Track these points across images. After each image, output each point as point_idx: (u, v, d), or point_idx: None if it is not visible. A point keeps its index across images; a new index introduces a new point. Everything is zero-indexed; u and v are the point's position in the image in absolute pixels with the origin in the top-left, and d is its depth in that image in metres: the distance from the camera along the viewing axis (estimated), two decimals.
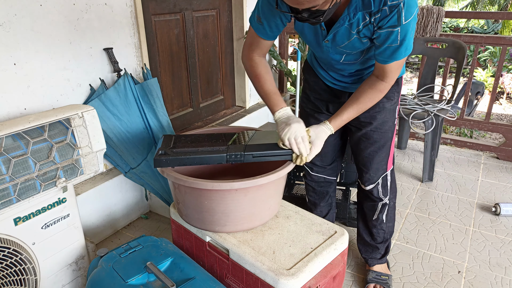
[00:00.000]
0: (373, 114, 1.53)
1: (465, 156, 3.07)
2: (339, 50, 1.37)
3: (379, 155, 1.59)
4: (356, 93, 1.39)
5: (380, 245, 1.77)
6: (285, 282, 1.18)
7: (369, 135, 1.56)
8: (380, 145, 1.58)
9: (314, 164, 1.78)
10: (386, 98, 1.50)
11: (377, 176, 1.63)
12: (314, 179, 1.83)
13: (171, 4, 2.43)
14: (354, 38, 1.28)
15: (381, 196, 1.67)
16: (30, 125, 1.30)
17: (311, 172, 1.80)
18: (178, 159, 1.30)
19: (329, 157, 1.76)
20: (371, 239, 1.77)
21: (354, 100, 1.38)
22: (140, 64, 2.20)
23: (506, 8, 9.42)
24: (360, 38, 1.28)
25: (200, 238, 1.45)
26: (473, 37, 3.11)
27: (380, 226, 1.74)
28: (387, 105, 1.52)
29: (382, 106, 1.52)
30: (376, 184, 1.64)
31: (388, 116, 1.54)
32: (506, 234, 2.13)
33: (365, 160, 1.62)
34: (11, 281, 1.34)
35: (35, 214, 1.39)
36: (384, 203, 1.69)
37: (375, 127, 1.55)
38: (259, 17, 1.35)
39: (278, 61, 3.27)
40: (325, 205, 1.90)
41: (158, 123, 2.12)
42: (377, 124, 1.54)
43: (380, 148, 1.58)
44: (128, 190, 2.20)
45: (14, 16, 1.60)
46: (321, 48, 1.41)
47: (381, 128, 1.55)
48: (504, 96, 6.05)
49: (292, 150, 1.32)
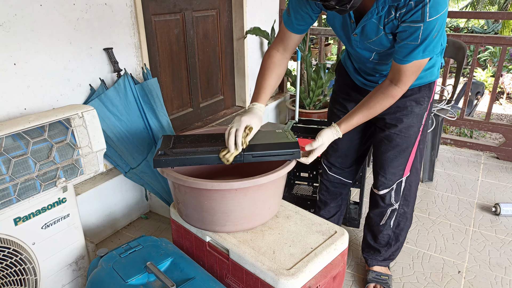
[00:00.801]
0: (400, 117, 1.49)
1: (465, 156, 3.07)
2: (367, 46, 1.35)
3: (398, 159, 1.55)
4: (367, 97, 1.36)
5: (383, 248, 1.74)
6: (285, 282, 1.18)
7: (392, 137, 1.52)
8: (401, 149, 1.53)
9: (333, 164, 1.76)
10: (416, 102, 1.46)
11: (392, 181, 1.59)
12: (330, 179, 1.81)
13: (171, 4, 2.43)
14: (381, 34, 1.26)
15: (393, 202, 1.63)
16: (30, 125, 1.30)
17: (329, 171, 1.78)
18: (177, 160, 1.30)
19: (350, 160, 1.73)
20: (374, 242, 1.76)
21: (364, 104, 1.36)
22: (140, 64, 2.20)
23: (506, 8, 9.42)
24: (386, 34, 1.26)
25: (200, 238, 1.45)
26: (473, 37, 3.11)
27: (386, 232, 1.70)
28: (415, 109, 1.48)
29: (411, 110, 1.47)
30: (390, 190, 1.61)
31: (414, 121, 1.49)
32: (506, 234, 2.13)
33: (383, 162, 1.58)
34: (11, 281, 1.34)
35: (35, 214, 1.39)
36: (394, 208, 1.65)
37: (399, 130, 1.50)
38: (288, 8, 1.37)
39: None
40: (335, 206, 1.87)
41: (158, 123, 2.12)
42: (402, 127, 1.50)
43: (401, 153, 1.54)
44: (128, 190, 2.20)
45: (14, 16, 1.60)
46: (350, 42, 1.39)
47: (406, 132, 1.50)
48: (504, 96, 6.04)
49: (293, 150, 1.33)
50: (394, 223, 1.69)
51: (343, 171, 1.77)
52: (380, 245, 1.74)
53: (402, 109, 1.47)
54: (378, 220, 1.70)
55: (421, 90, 1.47)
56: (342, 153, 1.72)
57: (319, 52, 3.57)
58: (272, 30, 3.24)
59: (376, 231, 1.72)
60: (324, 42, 3.50)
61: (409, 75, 1.26)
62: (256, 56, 3.24)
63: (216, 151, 1.32)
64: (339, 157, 1.74)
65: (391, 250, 1.75)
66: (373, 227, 1.73)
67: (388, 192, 1.61)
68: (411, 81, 1.29)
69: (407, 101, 1.47)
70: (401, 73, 1.26)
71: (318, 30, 3.45)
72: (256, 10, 3.10)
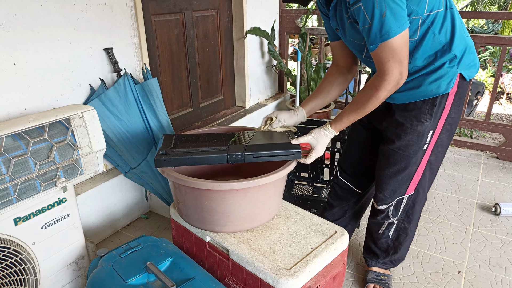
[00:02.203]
0: (399, 133, 1.41)
1: (465, 156, 3.07)
2: (351, 41, 1.35)
3: (396, 178, 1.47)
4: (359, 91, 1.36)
5: (382, 254, 1.72)
6: (285, 282, 1.18)
7: (389, 154, 1.45)
8: (400, 168, 1.45)
9: (343, 170, 1.75)
10: (415, 119, 1.36)
11: (391, 198, 1.53)
12: (339, 183, 1.78)
13: (171, 4, 2.43)
14: (348, 22, 1.27)
15: (390, 216, 1.59)
16: (30, 125, 1.30)
17: (339, 175, 1.77)
18: (178, 159, 1.30)
19: (360, 169, 1.69)
20: (374, 246, 1.74)
21: (353, 99, 1.35)
22: (140, 64, 2.20)
23: (506, 8, 9.42)
24: (352, 23, 1.26)
25: (200, 238, 1.45)
26: (473, 37, 3.10)
27: (385, 240, 1.68)
28: (416, 127, 1.37)
29: (410, 127, 1.38)
30: (389, 206, 1.56)
31: (414, 140, 1.39)
32: (506, 234, 2.13)
33: (381, 179, 1.52)
34: (11, 281, 1.33)
35: (35, 214, 1.39)
36: (391, 222, 1.60)
37: (397, 147, 1.42)
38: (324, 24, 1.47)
39: (278, 61, 3.27)
40: (339, 211, 1.83)
41: (158, 123, 2.12)
42: (400, 144, 1.41)
43: (400, 172, 1.45)
44: (128, 190, 2.20)
45: (14, 16, 1.60)
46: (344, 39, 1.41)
47: (404, 151, 1.41)
48: (504, 96, 6.04)
49: (293, 151, 1.33)
50: (393, 235, 1.66)
51: (352, 178, 1.74)
52: (379, 250, 1.73)
53: (402, 125, 1.40)
54: (376, 229, 1.68)
55: (423, 105, 1.35)
56: (353, 160, 1.71)
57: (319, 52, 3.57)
58: (272, 30, 3.23)
59: (375, 238, 1.71)
60: (324, 42, 3.50)
61: (386, 61, 1.20)
62: (256, 56, 3.24)
63: (218, 151, 1.32)
64: (350, 163, 1.72)
65: (389, 258, 1.73)
66: (372, 233, 1.72)
67: (387, 207, 1.57)
68: (393, 67, 1.20)
69: (407, 115, 1.38)
70: (377, 62, 1.22)
71: (318, 30, 3.45)
72: (256, 10, 3.10)
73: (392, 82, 1.23)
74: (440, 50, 1.29)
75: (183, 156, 1.31)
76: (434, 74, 1.31)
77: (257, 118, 3.20)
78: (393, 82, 1.23)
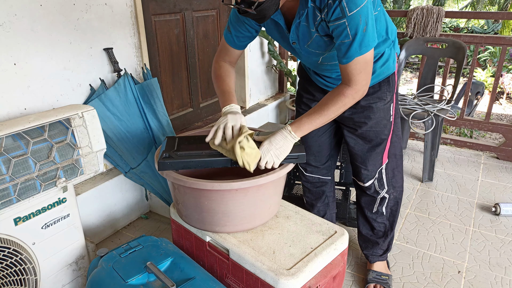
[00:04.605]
0: (367, 114, 1.53)
1: (465, 156, 3.07)
2: (310, 51, 1.36)
3: (375, 151, 1.60)
4: (323, 97, 1.32)
5: (381, 239, 1.77)
6: (285, 282, 1.18)
7: (365, 134, 1.58)
8: (377, 143, 1.59)
9: (308, 164, 1.77)
10: (378, 99, 1.51)
11: (374, 171, 1.64)
12: (309, 180, 1.82)
13: (171, 4, 2.43)
14: (315, 36, 1.27)
15: (378, 190, 1.67)
16: (30, 125, 1.30)
17: (305, 172, 1.80)
18: (182, 163, 1.29)
19: (323, 156, 1.75)
20: (372, 234, 1.77)
21: (318, 104, 1.31)
22: (140, 64, 2.20)
23: (506, 8, 9.42)
24: (321, 36, 1.26)
25: (200, 238, 1.45)
26: (473, 37, 3.11)
27: (380, 219, 1.74)
28: (379, 105, 1.52)
29: (375, 107, 1.52)
30: (374, 179, 1.66)
31: (382, 115, 1.54)
32: (506, 234, 2.13)
33: (364, 158, 1.63)
34: (11, 281, 1.34)
35: (35, 214, 1.39)
36: (383, 196, 1.69)
37: (370, 126, 1.55)
38: (228, 26, 1.44)
39: (278, 61, 3.27)
40: (322, 205, 1.88)
41: (158, 123, 2.12)
42: (371, 124, 1.55)
43: (378, 145, 1.59)
44: (128, 190, 2.20)
45: (14, 16, 1.60)
46: (294, 50, 1.42)
47: (376, 127, 1.56)
48: (504, 96, 6.05)
49: (297, 154, 1.32)
50: (387, 211, 1.73)
51: (318, 168, 1.78)
52: (377, 236, 1.76)
53: (367, 108, 1.51)
54: (370, 208, 1.73)
55: (381, 86, 1.51)
56: (314, 151, 1.74)
57: None
58: None
59: (370, 219, 1.74)
60: None
61: (358, 73, 1.23)
62: (256, 56, 3.24)
63: (221, 154, 1.31)
64: (311, 155, 1.74)
65: (388, 240, 1.78)
66: (366, 216, 1.75)
67: (373, 182, 1.66)
68: (363, 79, 1.25)
69: (371, 99, 1.50)
70: (348, 73, 1.24)
71: None
72: None
73: (360, 91, 1.28)
74: (382, 41, 1.42)
75: (187, 160, 1.30)
76: (381, 59, 1.45)
77: (257, 118, 3.20)
78: (361, 91, 1.28)
